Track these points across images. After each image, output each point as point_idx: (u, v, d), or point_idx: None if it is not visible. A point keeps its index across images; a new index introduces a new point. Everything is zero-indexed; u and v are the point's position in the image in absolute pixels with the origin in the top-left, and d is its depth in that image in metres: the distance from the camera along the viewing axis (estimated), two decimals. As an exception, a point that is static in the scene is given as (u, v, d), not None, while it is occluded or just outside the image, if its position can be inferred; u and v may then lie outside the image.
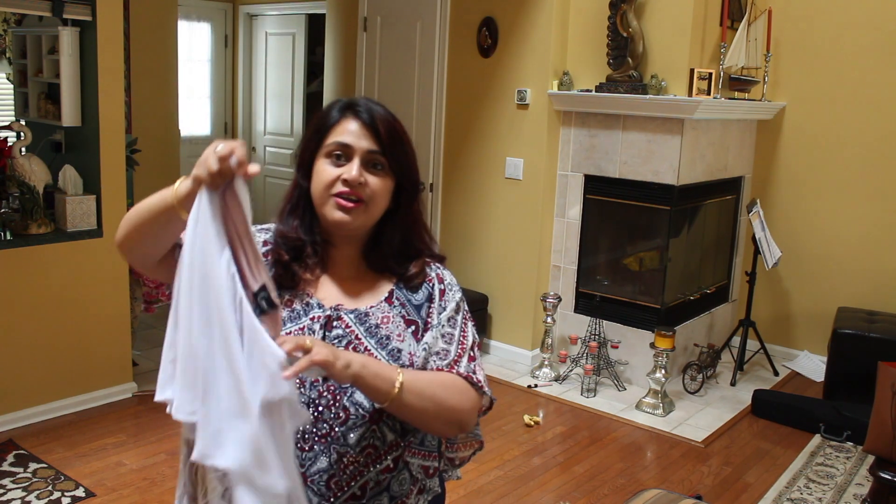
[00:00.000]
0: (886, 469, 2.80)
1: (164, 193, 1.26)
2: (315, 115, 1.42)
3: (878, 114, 4.74)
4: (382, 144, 1.34)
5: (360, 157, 1.34)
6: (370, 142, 1.34)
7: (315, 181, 1.36)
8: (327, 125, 1.37)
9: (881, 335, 4.20)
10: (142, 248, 1.32)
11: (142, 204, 1.30)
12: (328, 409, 1.33)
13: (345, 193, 1.33)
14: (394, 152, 1.36)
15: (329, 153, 1.35)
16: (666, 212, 4.46)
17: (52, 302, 3.74)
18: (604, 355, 4.55)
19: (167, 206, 1.24)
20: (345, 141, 1.34)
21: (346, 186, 1.33)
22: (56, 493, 3.12)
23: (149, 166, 5.20)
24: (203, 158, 1.17)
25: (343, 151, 1.34)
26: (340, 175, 1.33)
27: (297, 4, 6.88)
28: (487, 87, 4.86)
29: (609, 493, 3.37)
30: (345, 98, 1.41)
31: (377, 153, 1.34)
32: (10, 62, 4.72)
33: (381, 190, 1.35)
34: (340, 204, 1.33)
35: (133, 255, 1.34)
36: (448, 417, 1.35)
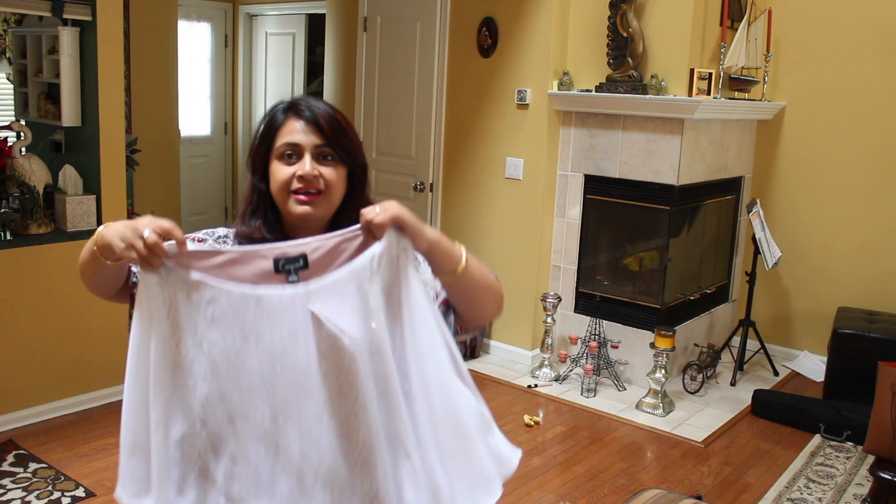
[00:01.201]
0: (886, 469, 2.80)
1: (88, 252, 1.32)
2: (260, 122, 1.47)
3: (879, 113, 4.73)
4: (327, 137, 1.41)
5: (310, 152, 1.40)
6: (316, 137, 1.40)
7: (273, 182, 1.42)
8: (274, 128, 1.43)
9: (881, 335, 4.20)
10: (96, 288, 1.40)
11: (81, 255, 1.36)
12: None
13: (302, 189, 1.39)
14: (339, 143, 1.42)
15: (280, 154, 1.41)
16: (666, 212, 4.46)
17: (53, 302, 3.74)
18: (604, 355, 4.55)
19: (95, 257, 1.30)
20: (293, 140, 1.40)
21: (301, 182, 1.39)
22: (56, 493, 3.12)
23: (149, 166, 5.20)
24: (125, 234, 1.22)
25: (293, 150, 1.41)
26: (295, 172, 1.39)
27: (297, 4, 6.88)
28: (487, 87, 4.86)
29: (609, 493, 3.37)
30: (286, 99, 1.47)
31: (324, 146, 1.41)
32: (10, 62, 4.72)
33: (335, 178, 1.42)
34: (300, 199, 1.39)
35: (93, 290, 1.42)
36: (496, 297, 1.45)
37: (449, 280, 1.36)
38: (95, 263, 1.31)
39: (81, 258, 1.35)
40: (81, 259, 1.35)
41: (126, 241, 1.21)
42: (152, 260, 1.20)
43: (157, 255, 1.20)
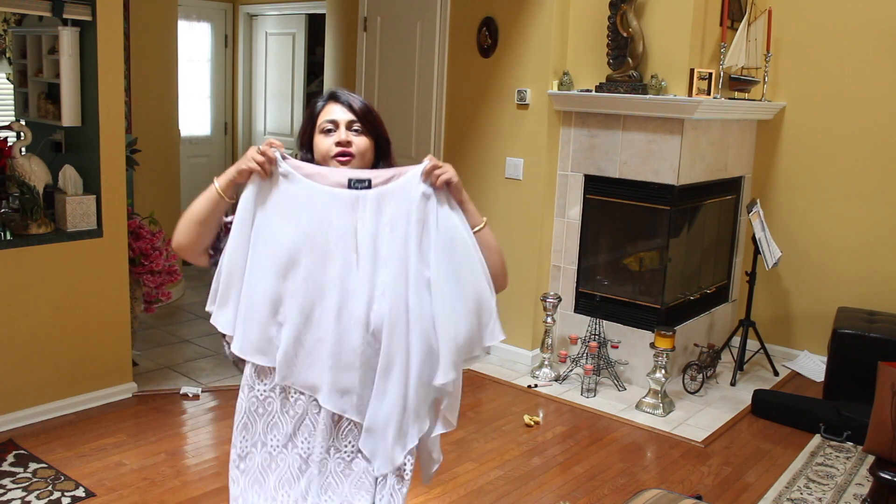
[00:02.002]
0: (886, 469, 2.80)
1: (207, 192, 1.76)
2: (307, 106, 1.94)
3: (878, 113, 4.74)
4: (357, 115, 1.81)
5: (344, 125, 1.80)
6: (349, 115, 1.81)
7: (316, 151, 1.82)
8: (317, 111, 1.84)
9: (881, 335, 4.20)
10: (198, 238, 1.79)
11: (192, 206, 1.78)
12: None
13: (339, 153, 1.78)
14: (367, 120, 1.82)
15: (322, 129, 1.81)
16: (666, 212, 4.46)
17: (53, 302, 3.74)
18: (604, 355, 4.56)
19: (215, 198, 1.74)
20: (331, 118, 1.81)
21: (338, 147, 1.78)
22: (56, 493, 3.12)
23: (149, 166, 5.20)
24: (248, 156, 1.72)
25: (332, 125, 1.81)
26: (334, 140, 1.79)
27: (297, 4, 6.88)
28: (487, 87, 4.86)
29: (609, 493, 3.37)
30: (325, 92, 1.88)
31: (354, 121, 1.81)
32: (10, 62, 4.72)
33: (363, 145, 1.81)
34: (339, 161, 1.79)
35: (190, 249, 1.80)
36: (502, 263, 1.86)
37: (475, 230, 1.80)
38: (212, 206, 1.74)
39: (195, 211, 1.76)
40: (195, 213, 1.76)
41: (247, 161, 1.70)
42: (266, 167, 1.71)
43: (271, 161, 1.71)
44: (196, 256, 1.81)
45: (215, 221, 1.77)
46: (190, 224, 1.76)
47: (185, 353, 4.79)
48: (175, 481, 3.28)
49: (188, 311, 5.64)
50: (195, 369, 4.53)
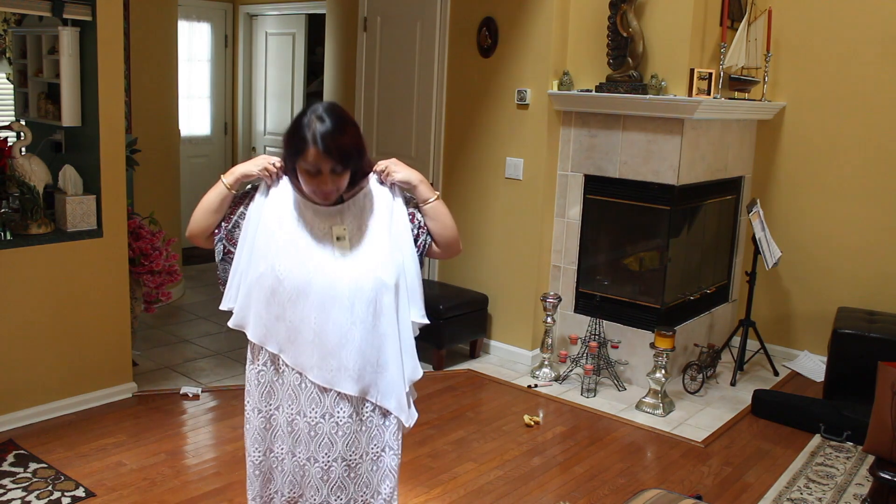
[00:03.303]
0: (886, 469, 2.80)
1: (217, 187, 2.11)
2: (287, 138, 2.01)
3: (878, 113, 4.74)
4: (336, 162, 1.97)
5: (329, 173, 1.98)
6: (330, 163, 1.97)
7: (303, 185, 2.03)
8: (302, 150, 1.97)
9: (881, 335, 4.20)
10: (210, 225, 2.14)
11: (204, 200, 2.13)
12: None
13: (321, 194, 2.03)
14: (346, 162, 1.99)
15: (304, 171, 1.99)
16: (666, 212, 4.46)
17: (52, 302, 3.74)
18: (604, 355, 4.55)
19: (224, 192, 2.11)
20: (317, 167, 1.97)
21: (322, 192, 2.02)
22: (56, 493, 3.12)
23: (149, 166, 5.20)
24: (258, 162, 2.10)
25: (316, 170, 1.98)
26: (318, 186, 2.00)
27: (297, 4, 6.89)
28: (487, 87, 4.86)
29: (609, 493, 3.37)
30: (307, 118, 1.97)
31: (336, 165, 1.98)
32: (10, 62, 4.72)
33: (342, 181, 2.03)
34: (321, 198, 2.05)
35: (202, 235, 2.16)
36: (454, 230, 2.21)
37: (424, 207, 2.17)
38: (222, 200, 2.11)
39: (205, 203, 2.12)
40: (206, 204, 2.12)
41: (259, 167, 2.08)
42: (275, 177, 2.09)
43: (278, 176, 2.09)
44: (205, 241, 2.17)
45: (223, 210, 2.13)
46: (204, 214, 2.12)
47: (185, 353, 4.79)
48: (175, 481, 3.28)
49: (188, 311, 5.64)
50: (195, 369, 4.53)
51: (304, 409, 2.08)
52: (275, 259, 2.03)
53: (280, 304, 2.03)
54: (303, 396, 2.08)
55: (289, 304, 2.03)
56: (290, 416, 2.10)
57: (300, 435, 2.10)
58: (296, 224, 2.06)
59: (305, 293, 2.01)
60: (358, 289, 2.02)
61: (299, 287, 2.01)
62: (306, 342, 2.04)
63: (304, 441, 2.09)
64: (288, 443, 2.12)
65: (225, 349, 4.88)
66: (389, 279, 2.06)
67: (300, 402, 2.08)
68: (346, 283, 2.02)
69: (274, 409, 2.13)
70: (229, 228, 2.14)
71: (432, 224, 2.18)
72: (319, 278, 2.02)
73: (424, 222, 2.19)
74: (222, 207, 2.13)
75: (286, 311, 2.03)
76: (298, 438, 2.10)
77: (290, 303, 2.02)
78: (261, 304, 2.06)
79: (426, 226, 2.19)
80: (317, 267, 2.03)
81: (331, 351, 2.03)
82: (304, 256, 2.03)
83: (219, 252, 2.16)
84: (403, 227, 2.15)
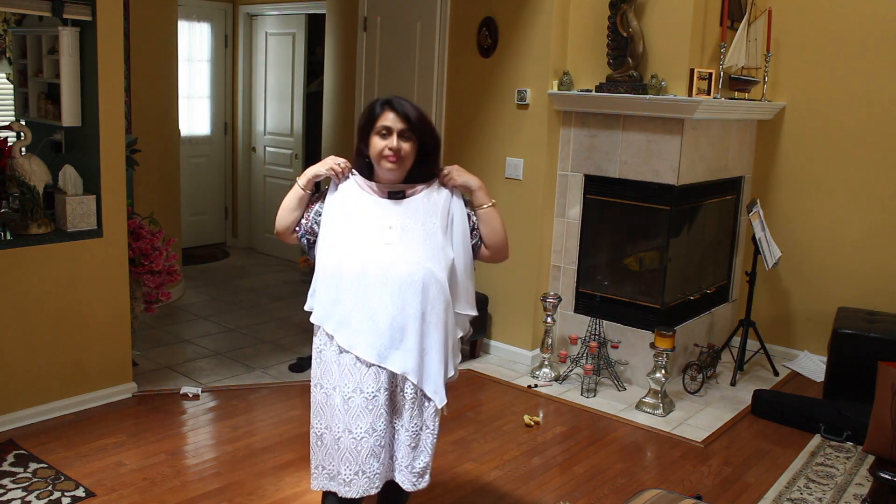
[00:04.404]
0: (886, 469, 2.80)
1: (293, 189, 2.42)
2: (365, 109, 2.35)
3: (878, 113, 4.74)
4: (411, 123, 2.30)
5: (397, 133, 2.29)
6: (402, 124, 2.29)
7: (372, 149, 2.32)
8: (375, 115, 2.32)
9: (881, 335, 4.20)
10: (292, 223, 2.43)
11: (284, 200, 2.43)
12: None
13: (389, 155, 2.30)
14: (417, 128, 2.31)
15: (378, 132, 2.30)
16: (666, 212, 4.46)
17: (52, 302, 3.74)
18: (604, 355, 4.55)
19: (299, 192, 2.41)
20: (387, 124, 2.30)
21: (390, 151, 2.29)
22: (56, 493, 3.12)
23: (149, 166, 5.20)
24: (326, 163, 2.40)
25: (387, 130, 2.30)
26: (386, 145, 2.29)
27: (297, 4, 6.88)
28: (487, 87, 4.86)
29: (609, 493, 3.37)
30: (382, 97, 2.35)
31: (405, 129, 2.30)
32: (10, 62, 4.72)
33: (409, 150, 2.32)
34: (389, 160, 2.30)
35: (286, 232, 2.45)
36: (505, 237, 2.48)
37: (479, 211, 2.44)
38: (299, 199, 2.40)
39: (286, 204, 2.41)
40: (286, 204, 2.41)
41: (327, 166, 2.38)
42: (342, 174, 2.39)
43: (344, 173, 2.39)
44: (289, 236, 2.45)
45: (302, 208, 2.42)
46: (285, 212, 2.42)
47: (185, 353, 4.79)
48: (175, 481, 3.28)
49: (188, 311, 5.64)
50: (195, 369, 4.53)
51: (361, 385, 2.28)
52: (337, 249, 2.30)
53: (338, 289, 2.28)
54: (358, 374, 2.28)
55: (346, 289, 2.27)
56: (347, 394, 2.29)
57: (357, 410, 2.29)
58: (359, 217, 2.32)
59: (361, 280, 2.25)
60: (409, 278, 2.25)
61: (356, 274, 2.26)
62: (360, 324, 2.26)
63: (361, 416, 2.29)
64: (344, 420, 2.30)
65: (225, 349, 4.88)
66: (440, 272, 2.30)
67: (357, 377, 2.29)
68: (399, 272, 2.25)
69: (331, 389, 2.32)
70: (309, 225, 2.42)
71: (484, 228, 2.44)
72: (374, 267, 2.26)
73: (477, 225, 2.45)
74: (300, 206, 2.41)
75: (344, 295, 2.28)
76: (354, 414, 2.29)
77: (346, 289, 2.27)
78: (324, 289, 2.31)
79: (478, 229, 2.45)
80: (373, 257, 2.27)
81: (381, 332, 2.25)
82: (362, 247, 2.28)
83: (304, 245, 2.46)
84: (461, 228, 2.40)
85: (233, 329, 5.27)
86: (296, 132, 7.15)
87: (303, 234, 2.44)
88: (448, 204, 2.40)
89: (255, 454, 3.54)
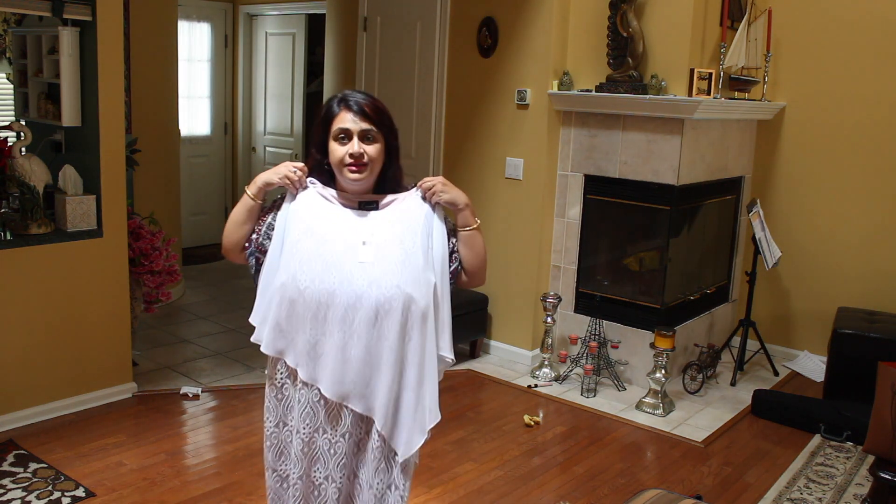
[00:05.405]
0: (886, 469, 2.80)
1: (242, 200, 2.06)
2: (320, 109, 2.01)
3: (878, 113, 4.74)
4: (371, 121, 1.96)
5: (357, 136, 1.96)
6: (361, 124, 1.96)
7: (331, 157, 1.99)
8: (330, 116, 1.98)
9: (881, 335, 4.20)
10: (238, 240, 2.07)
11: (232, 213, 2.08)
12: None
13: (353, 163, 1.96)
14: (378, 123, 1.97)
15: (336, 136, 1.97)
16: (666, 212, 4.46)
17: (52, 302, 3.74)
18: (604, 355, 4.55)
19: (249, 203, 2.05)
20: (344, 126, 1.96)
21: (352, 158, 1.96)
22: (56, 493, 3.12)
23: (149, 166, 5.20)
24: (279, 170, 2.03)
25: (345, 134, 1.96)
26: (347, 151, 1.96)
27: (297, 4, 6.89)
28: (487, 87, 4.86)
29: (609, 493, 3.37)
30: (338, 94, 2.02)
31: (367, 130, 1.96)
32: (10, 62, 4.72)
33: (375, 152, 1.98)
34: (352, 170, 1.97)
35: (234, 249, 2.09)
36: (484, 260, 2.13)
37: (462, 232, 2.08)
38: (249, 211, 2.04)
39: (233, 216, 2.06)
40: (234, 217, 2.06)
41: (280, 175, 2.01)
42: (298, 184, 2.02)
43: (301, 182, 2.02)
44: (238, 255, 2.10)
45: (252, 221, 2.07)
46: (232, 226, 2.07)
47: (185, 353, 4.79)
48: (175, 481, 3.28)
49: (188, 311, 5.64)
50: (195, 369, 4.53)
51: (324, 426, 2.00)
52: (297, 268, 1.93)
53: (300, 316, 1.94)
54: (321, 413, 1.99)
55: (310, 316, 1.93)
56: (309, 433, 2.00)
57: (317, 454, 2.02)
58: (323, 232, 1.96)
59: (327, 305, 1.91)
60: (385, 304, 1.92)
61: (321, 299, 1.92)
62: (325, 357, 1.94)
63: (322, 459, 2.02)
64: (304, 463, 2.03)
65: (225, 349, 4.88)
66: (422, 299, 1.94)
67: (318, 419, 1.99)
68: (373, 296, 1.91)
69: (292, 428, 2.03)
70: (260, 241, 2.05)
71: (466, 252, 2.10)
72: (344, 290, 1.91)
73: (458, 247, 2.10)
74: (250, 218, 2.06)
75: (307, 324, 1.93)
76: (315, 457, 2.02)
77: (311, 315, 1.93)
78: (281, 316, 1.96)
79: (458, 252, 2.10)
80: (342, 278, 1.92)
81: (350, 367, 1.93)
82: (328, 266, 1.92)
83: (252, 265, 2.07)
84: (441, 252, 2.04)
85: (233, 329, 5.27)
86: (296, 132, 7.15)
87: (252, 251, 2.07)
88: (429, 220, 2.03)
89: (255, 454, 3.54)
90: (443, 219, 2.07)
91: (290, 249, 1.97)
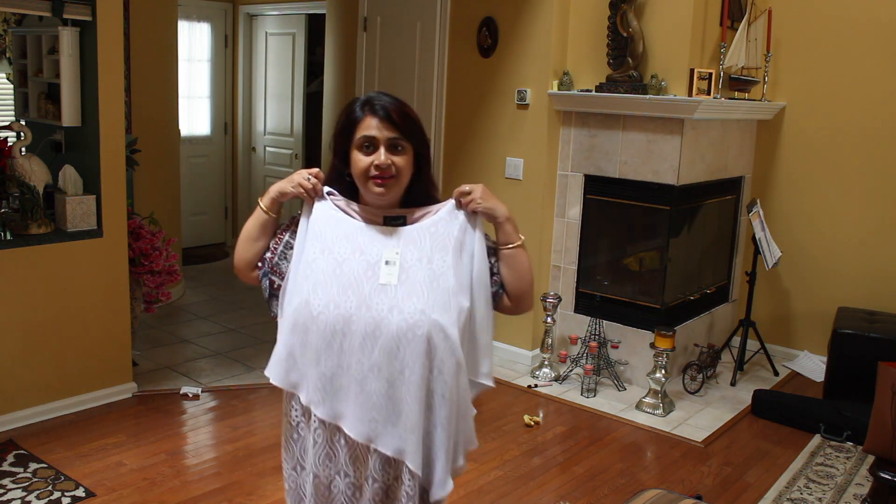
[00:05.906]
0: (886, 469, 2.80)
1: (255, 213, 1.85)
2: (341, 113, 1.80)
3: (878, 113, 4.74)
4: (399, 129, 1.73)
5: (384, 145, 1.73)
6: (389, 131, 1.72)
7: (354, 168, 1.76)
8: (353, 122, 1.75)
9: (881, 335, 4.20)
10: (251, 258, 1.86)
11: (245, 229, 1.87)
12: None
13: (378, 175, 1.73)
14: (407, 131, 1.74)
15: (360, 145, 1.74)
16: (666, 212, 4.46)
17: (53, 302, 3.74)
18: (604, 355, 4.55)
19: (262, 216, 1.83)
20: (369, 134, 1.73)
21: (378, 170, 1.72)
22: (56, 493, 3.12)
23: (149, 166, 5.20)
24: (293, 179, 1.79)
25: (370, 143, 1.73)
26: (372, 162, 1.72)
27: (297, 4, 6.88)
28: (487, 87, 4.86)
29: (609, 493, 3.37)
30: (361, 97, 1.79)
31: (394, 137, 1.73)
32: (10, 62, 4.72)
33: (403, 163, 1.75)
34: (377, 183, 1.74)
35: (245, 268, 1.88)
36: (531, 282, 1.90)
37: (503, 251, 1.84)
38: (263, 225, 1.83)
39: (246, 232, 1.85)
40: (246, 232, 1.85)
41: (294, 184, 1.78)
42: (313, 192, 1.79)
43: (317, 192, 1.79)
44: (249, 274, 1.89)
45: (266, 237, 1.86)
46: (244, 243, 1.87)
47: (185, 353, 4.79)
48: (175, 481, 3.28)
49: (188, 311, 5.64)
50: (195, 369, 4.53)
51: (346, 468, 1.77)
52: (310, 291, 1.71)
53: (313, 345, 1.71)
54: (342, 454, 1.76)
55: (324, 345, 1.70)
56: (329, 476, 1.78)
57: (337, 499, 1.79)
58: (341, 250, 1.74)
59: (343, 333, 1.69)
60: (410, 332, 1.67)
61: (336, 325, 1.69)
62: (345, 392, 1.72)
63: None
64: None
65: (225, 349, 4.88)
66: (450, 327, 1.69)
67: (339, 460, 1.77)
68: (394, 323, 1.67)
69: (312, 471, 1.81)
70: (275, 261, 1.83)
71: (509, 273, 1.85)
72: (362, 315, 1.68)
73: (498, 268, 1.85)
74: (264, 234, 1.84)
75: (321, 354, 1.71)
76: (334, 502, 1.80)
77: (325, 344, 1.70)
78: (294, 344, 1.74)
79: (499, 273, 1.85)
80: (359, 302, 1.69)
81: (372, 403, 1.70)
82: (344, 288, 1.70)
83: (265, 288, 1.84)
84: (480, 271, 1.79)
85: (233, 329, 5.27)
86: (296, 132, 7.15)
87: (265, 271, 1.84)
88: (464, 236, 1.79)
89: (255, 454, 3.54)
90: (482, 232, 1.82)
91: (304, 270, 1.74)
